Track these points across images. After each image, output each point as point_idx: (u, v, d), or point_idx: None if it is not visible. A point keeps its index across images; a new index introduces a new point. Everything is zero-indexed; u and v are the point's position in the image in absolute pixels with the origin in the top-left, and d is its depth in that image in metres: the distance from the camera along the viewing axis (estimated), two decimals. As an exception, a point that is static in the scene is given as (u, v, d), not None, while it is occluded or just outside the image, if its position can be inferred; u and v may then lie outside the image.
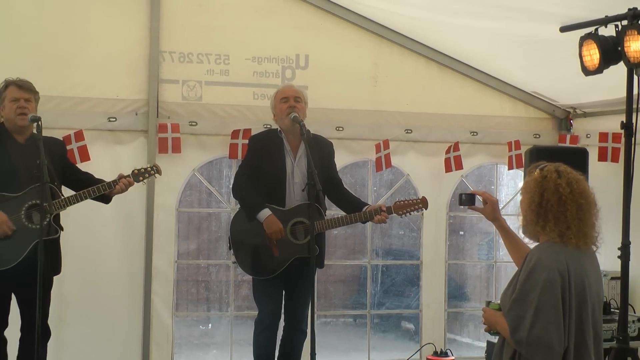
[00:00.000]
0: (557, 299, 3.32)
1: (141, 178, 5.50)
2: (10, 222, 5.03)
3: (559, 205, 3.45)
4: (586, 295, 3.42)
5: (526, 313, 3.33)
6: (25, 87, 5.20)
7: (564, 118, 7.58)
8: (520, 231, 3.69)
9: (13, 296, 5.27)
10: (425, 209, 5.98)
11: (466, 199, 4.10)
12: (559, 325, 3.31)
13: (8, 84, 5.22)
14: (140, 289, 6.53)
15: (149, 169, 5.56)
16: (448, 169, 7.20)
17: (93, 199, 5.32)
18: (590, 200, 3.50)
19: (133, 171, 5.46)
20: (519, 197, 7.37)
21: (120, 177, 5.36)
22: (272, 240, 5.57)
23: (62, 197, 5.17)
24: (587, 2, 5.15)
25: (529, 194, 3.55)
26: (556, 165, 3.58)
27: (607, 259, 6.25)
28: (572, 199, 3.44)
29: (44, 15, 6.29)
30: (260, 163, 5.70)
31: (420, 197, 5.91)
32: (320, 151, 5.69)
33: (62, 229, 5.27)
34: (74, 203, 5.23)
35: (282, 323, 5.89)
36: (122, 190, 5.38)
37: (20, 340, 5.25)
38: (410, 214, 5.90)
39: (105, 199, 5.42)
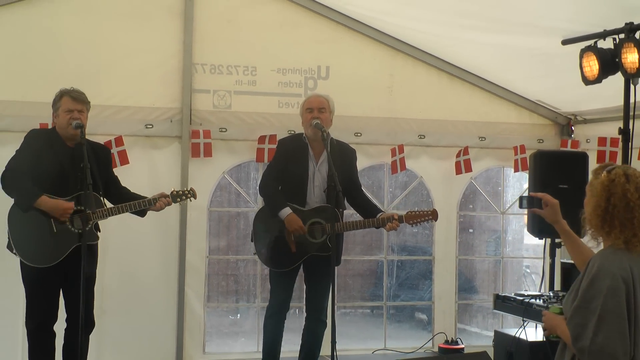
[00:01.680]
0: (621, 307, 3.01)
1: (178, 199, 5.55)
2: (70, 205, 5.04)
3: (626, 212, 3.12)
4: None
5: (589, 321, 3.03)
6: (78, 99, 5.20)
7: (565, 124, 7.54)
8: (526, 229, 3.57)
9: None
10: (435, 221, 5.96)
11: (527, 202, 3.83)
12: (624, 335, 3.00)
13: (63, 94, 5.22)
14: (175, 282, 6.56)
15: (187, 191, 5.61)
16: (458, 171, 7.19)
17: (131, 212, 5.36)
18: None
19: (172, 192, 5.49)
20: (524, 197, 7.39)
21: (161, 195, 5.39)
22: (291, 237, 5.60)
23: (105, 208, 5.19)
24: (587, 17, 5.15)
25: (594, 198, 3.21)
26: (624, 168, 3.23)
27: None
28: None
29: (87, 30, 6.31)
30: (286, 165, 5.73)
31: (431, 209, 5.89)
32: (343, 156, 5.71)
33: (99, 230, 5.29)
34: (115, 214, 5.25)
35: (304, 314, 5.92)
36: (160, 209, 5.41)
37: (66, 330, 5.27)
38: (420, 224, 5.89)
39: (142, 213, 5.44)
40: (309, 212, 5.65)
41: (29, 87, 6.12)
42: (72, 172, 5.07)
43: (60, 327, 5.27)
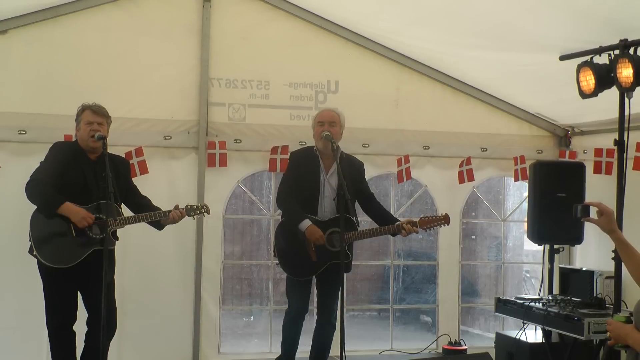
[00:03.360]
0: None
1: (193, 213, 5.53)
2: (90, 215, 5.06)
3: None
4: None
5: None
6: (99, 112, 5.23)
7: (563, 136, 7.51)
8: (526, 236, 3.41)
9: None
10: (447, 224, 5.95)
11: (581, 211, 3.63)
12: None
13: (84, 108, 5.26)
14: (192, 286, 6.56)
15: (201, 207, 5.59)
16: (461, 180, 7.18)
17: (148, 223, 5.37)
18: None
19: (187, 206, 5.49)
20: (523, 206, 7.41)
21: (176, 207, 5.40)
22: (312, 247, 5.60)
23: (122, 217, 5.22)
24: (584, 35, 5.15)
25: None
26: None
27: (602, 260, 6.27)
28: None
29: (110, 46, 6.36)
30: (298, 176, 5.74)
31: (444, 214, 5.89)
32: (351, 169, 5.71)
33: (117, 239, 5.30)
34: (131, 223, 5.27)
35: (315, 317, 5.93)
36: (174, 221, 5.40)
37: (87, 334, 5.29)
38: (433, 229, 5.90)
39: (159, 225, 5.44)
40: (327, 223, 5.65)
41: (55, 100, 6.15)
42: (94, 183, 5.12)
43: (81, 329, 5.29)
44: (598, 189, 6.40)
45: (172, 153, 6.54)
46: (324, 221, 5.65)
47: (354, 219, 5.63)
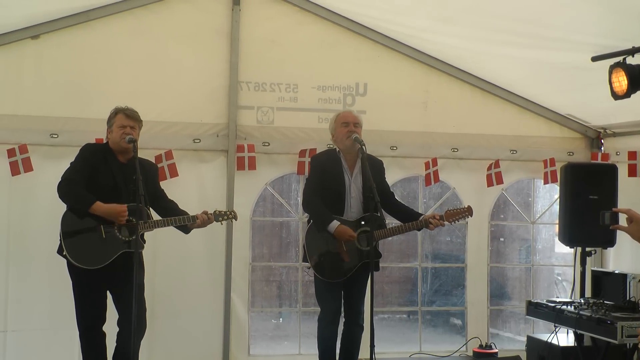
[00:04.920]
0: None
1: (220, 219, 5.53)
2: (124, 208, 5.07)
3: None
4: None
5: None
6: (132, 116, 5.27)
7: (595, 137, 7.40)
8: (557, 238, 3.36)
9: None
10: (471, 216, 5.91)
11: (609, 218, 3.55)
12: None
13: (117, 111, 5.30)
14: (222, 288, 6.55)
15: (229, 212, 5.60)
16: (490, 183, 7.12)
17: (175, 227, 5.37)
18: None
19: (215, 211, 5.49)
20: (553, 208, 7.31)
21: (204, 213, 5.39)
22: (343, 248, 5.55)
23: (152, 220, 5.23)
24: (617, 32, 5.05)
25: None
26: None
27: (636, 263, 6.16)
28: None
29: (140, 51, 6.39)
30: (322, 180, 5.68)
31: (467, 206, 5.85)
32: (373, 169, 5.66)
33: (144, 242, 5.29)
34: (160, 227, 5.28)
35: (342, 319, 5.87)
36: (201, 225, 5.40)
37: (118, 334, 5.29)
38: (458, 221, 5.84)
39: (186, 229, 5.44)
40: (355, 223, 5.61)
41: (86, 104, 6.20)
42: (124, 185, 5.15)
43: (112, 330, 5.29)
44: (631, 192, 6.30)
45: (201, 156, 6.54)
46: (352, 221, 5.61)
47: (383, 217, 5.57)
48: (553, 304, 5.98)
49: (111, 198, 5.12)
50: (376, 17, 6.59)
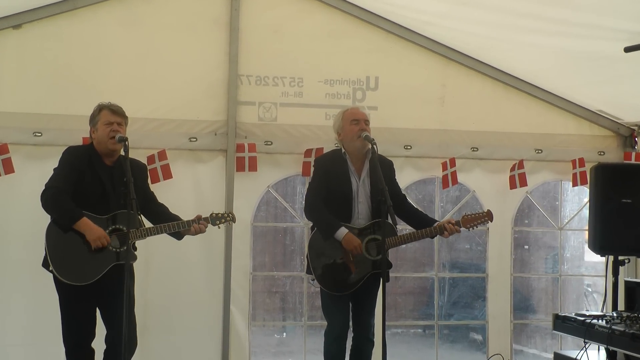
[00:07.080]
0: None
1: (218, 222, 5.48)
2: (106, 236, 5.02)
3: None
4: None
5: None
6: (117, 112, 5.21)
7: (628, 136, 7.35)
8: (587, 246, 3.35)
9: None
10: (491, 222, 5.81)
11: None
12: None
13: (102, 107, 5.23)
14: (220, 299, 6.52)
15: (227, 215, 5.54)
16: (513, 186, 7.08)
17: (168, 234, 5.32)
18: None
19: (211, 214, 5.43)
20: (582, 213, 7.24)
21: (198, 218, 5.34)
22: (350, 257, 5.47)
23: (143, 227, 5.17)
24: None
25: None
26: None
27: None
28: None
29: (130, 42, 6.39)
30: (328, 183, 5.60)
31: (486, 211, 5.76)
32: (383, 170, 5.58)
33: (136, 249, 5.23)
34: (153, 235, 5.21)
35: (350, 333, 5.81)
36: (196, 233, 5.35)
37: (105, 352, 5.22)
38: (476, 228, 5.75)
39: (178, 235, 5.39)
40: (364, 229, 5.53)
41: (73, 100, 6.19)
42: (112, 190, 5.09)
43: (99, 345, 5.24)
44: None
45: (198, 156, 6.52)
46: (360, 228, 5.53)
47: (395, 223, 5.52)
48: (582, 318, 5.91)
49: (100, 206, 5.06)
50: (389, 2, 6.53)
